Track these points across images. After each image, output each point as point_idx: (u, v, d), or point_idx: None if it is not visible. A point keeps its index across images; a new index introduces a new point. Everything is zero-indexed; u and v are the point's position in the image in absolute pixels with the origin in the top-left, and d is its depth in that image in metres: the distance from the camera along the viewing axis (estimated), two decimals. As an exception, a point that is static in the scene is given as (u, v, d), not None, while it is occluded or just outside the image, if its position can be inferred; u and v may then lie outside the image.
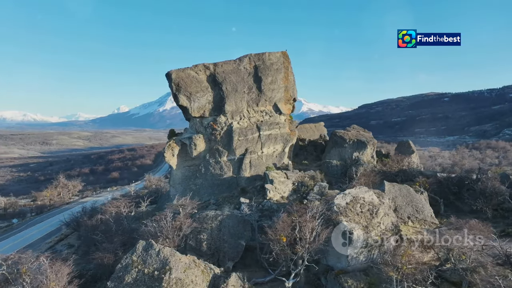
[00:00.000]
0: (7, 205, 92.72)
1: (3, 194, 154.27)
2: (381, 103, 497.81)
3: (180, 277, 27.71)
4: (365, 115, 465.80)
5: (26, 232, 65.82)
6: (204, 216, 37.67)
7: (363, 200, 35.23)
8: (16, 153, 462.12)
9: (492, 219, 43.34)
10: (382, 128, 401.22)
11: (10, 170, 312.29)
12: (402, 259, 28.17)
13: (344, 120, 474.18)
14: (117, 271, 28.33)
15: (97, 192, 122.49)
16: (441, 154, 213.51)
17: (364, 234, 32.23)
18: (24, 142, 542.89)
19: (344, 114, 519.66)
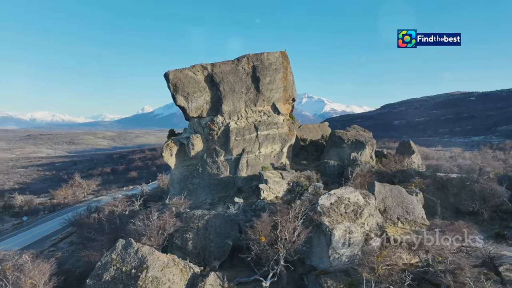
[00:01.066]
0: (22, 203, 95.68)
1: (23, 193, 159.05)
2: (404, 103, 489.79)
3: (157, 275, 28.01)
4: (388, 115, 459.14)
5: (34, 230, 67.52)
6: (191, 216, 38.01)
7: (348, 201, 34.99)
8: (44, 152, 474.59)
9: (489, 221, 42.56)
10: (405, 128, 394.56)
11: (36, 169, 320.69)
12: (377, 260, 27.97)
13: (366, 120, 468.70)
14: (97, 269, 28.89)
15: (112, 191, 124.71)
16: (462, 155, 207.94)
17: (346, 234, 32.06)
18: (52, 142, 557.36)
19: (366, 114, 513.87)
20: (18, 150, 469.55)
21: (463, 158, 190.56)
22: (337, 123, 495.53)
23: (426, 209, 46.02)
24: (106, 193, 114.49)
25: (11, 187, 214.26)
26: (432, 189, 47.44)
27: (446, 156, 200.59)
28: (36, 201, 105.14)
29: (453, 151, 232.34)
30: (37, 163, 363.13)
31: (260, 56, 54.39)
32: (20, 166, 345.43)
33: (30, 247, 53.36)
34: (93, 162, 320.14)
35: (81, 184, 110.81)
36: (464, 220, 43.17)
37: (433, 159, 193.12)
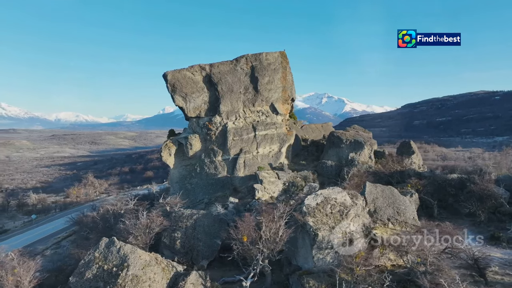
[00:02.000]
0: (35, 202, 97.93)
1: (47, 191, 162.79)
2: (425, 102, 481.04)
3: (137, 274, 28.37)
4: (408, 115, 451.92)
5: (42, 228, 68.96)
6: (180, 215, 38.36)
7: (334, 201, 34.70)
8: (67, 152, 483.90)
9: (487, 222, 41.70)
10: (425, 128, 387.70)
11: (58, 168, 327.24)
12: (355, 260, 27.75)
13: (385, 120, 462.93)
14: (80, 267, 29.44)
15: (125, 190, 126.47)
16: (482, 155, 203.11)
17: (330, 235, 31.83)
18: (75, 142, 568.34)
19: (385, 114, 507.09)
20: (43, 150, 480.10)
21: (482, 159, 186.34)
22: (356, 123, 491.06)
23: (423, 210, 45.51)
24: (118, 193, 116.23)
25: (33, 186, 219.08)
26: (430, 190, 46.66)
27: (465, 156, 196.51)
28: (51, 200, 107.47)
29: (473, 152, 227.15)
30: (60, 162, 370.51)
31: (258, 56, 54.41)
32: (43, 165, 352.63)
33: (34, 244, 54.68)
34: (112, 161, 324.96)
35: (93, 183, 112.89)
36: (462, 221, 42.72)
37: (451, 160, 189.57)
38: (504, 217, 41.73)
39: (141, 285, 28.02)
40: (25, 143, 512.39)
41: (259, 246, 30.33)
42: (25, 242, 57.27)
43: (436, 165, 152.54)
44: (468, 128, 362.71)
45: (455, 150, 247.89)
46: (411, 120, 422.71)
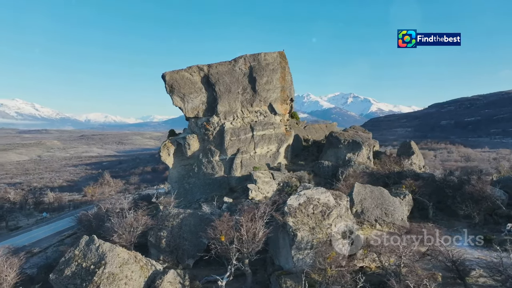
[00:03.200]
0: (52, 200, 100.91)
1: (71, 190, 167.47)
2: (453, 102, 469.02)
3: (114, 272, 28.86)
4: (435, 114, 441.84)
5: (51, 225, 70.69)
6: (167, 214, 38.82)
7: (317, 201, 34.50)
8: (95, 152, 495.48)
9: (483, 224, 40.86)
10: (453, 129, 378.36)
11: (85, 168, 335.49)
12: (327, 261, 27.56)
13: (411, 121, 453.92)
14: (60, 264, 30.12)
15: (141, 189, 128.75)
16: (508, 156, 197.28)
17: (309, 235, 31.75)
18: (103, 142, 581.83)
19: (411, 114, 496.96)
20: (72, 150, 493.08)
21: (508, 160, 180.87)
22: (382, 124, 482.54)
23: (420, 212, 44.85)
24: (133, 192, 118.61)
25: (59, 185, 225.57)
26: (428, 191, 45.85)
27: (490, 158, 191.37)
28: (68, 198, 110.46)
29: (500, 153, 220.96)
30: (87, 162, 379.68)
31: (257, 56, 54.48)
32: (71, 165, 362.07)
33: (40, 241, 56.32)
34: (136, 161, 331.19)
35: (109, 182, 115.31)
36: (459, 223, 42.12)
37: (474, 161, 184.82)
38: (501, 220, 40.86)
39: (117, 283, 28.48)
40: (56, 143, 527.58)
41: (236, 246, 30.44)
42: (32, 239, 59.05)
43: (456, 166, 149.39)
44: (498, 128, 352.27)
45: (481, 151, 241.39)
46: (438, 120, 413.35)
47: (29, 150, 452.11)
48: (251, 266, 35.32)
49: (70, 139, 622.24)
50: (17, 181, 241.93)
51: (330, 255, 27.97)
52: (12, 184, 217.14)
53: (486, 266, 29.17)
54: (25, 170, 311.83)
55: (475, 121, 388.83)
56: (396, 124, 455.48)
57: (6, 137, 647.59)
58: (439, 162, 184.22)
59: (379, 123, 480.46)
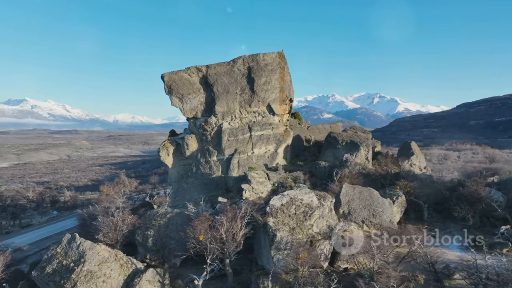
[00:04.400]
0: (68, 199, 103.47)
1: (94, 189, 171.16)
2: (483, 102, 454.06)
3: (93, 269, 29.37)
4: (464, 114, 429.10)
5: (59, 224, 71.87)
6: (154, 213, 39.24)
7: (300, 202, 34.44)
8: (122, 152, 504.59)
9: (478, 227, 39.92)
10: (482, 129, 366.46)
11: (110, 167, 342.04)
12: (299, 261, 27.37)
13: (439, 121, 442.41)
14: (42, 262, 30.82)
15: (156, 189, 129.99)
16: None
17: (289, 236, 31.71)
18: (129, 142, 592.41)
19: (439, 114, 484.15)
20: (100, 150, 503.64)
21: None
22: (407, 124, 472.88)
23: (415, 213, 44.03)
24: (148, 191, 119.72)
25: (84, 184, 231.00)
26: (426, 192, 45.03)
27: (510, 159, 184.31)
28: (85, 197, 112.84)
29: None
30: (112, 161, 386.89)
31: (256, 57, 54.36)
32: (97, 165, 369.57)
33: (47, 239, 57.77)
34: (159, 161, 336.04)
35: (124, 182, 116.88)
36: (454, 225, 41.19)
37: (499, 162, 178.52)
38: (497, 222, 40.02)
39: (95, 281, 28.98)
40: (84, 143, 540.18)
41: (214, 246, 30.54)
42: (39, 236, 60.68)
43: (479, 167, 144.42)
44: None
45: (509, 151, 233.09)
46: (467, 120, 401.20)
47: (59, 150, 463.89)
48: (238, 266, 35.52)
49: (98, 139, 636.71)
50: (45, 180, 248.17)
51: (301, 256, 27.71)
52: (40, 183, 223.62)
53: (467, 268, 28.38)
54: (54, 169, 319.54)
55: (506, 121, 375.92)
56: (422, 125, 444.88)
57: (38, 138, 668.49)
58: (462, 163, 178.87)
59: (405, 124, 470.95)
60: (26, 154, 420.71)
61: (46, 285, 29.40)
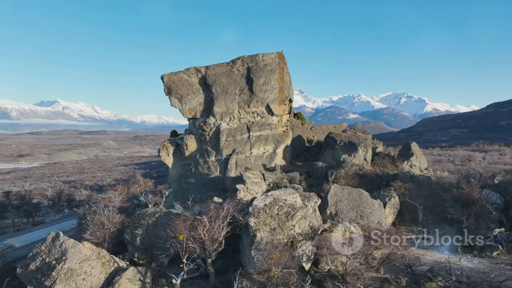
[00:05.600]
0: (83, 197, 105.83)
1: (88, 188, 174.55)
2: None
3: (73, 267, 29.87)
4: (494, 114, 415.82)
5: (68, 222, 73.65)
6: (144, 213, 39.67)
7: (283, 203, 34.30)
8: (147, 152, 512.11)
9: (473, 229, 39.15)
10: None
11: (134, 167, 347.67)
12: (271, 262, 27.25)
13: (467, 121, 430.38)
14: (27, 259, 31.47)
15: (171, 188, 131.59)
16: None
17: (269, 236, 31.69)
18: (155, 142, 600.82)
19: (467, 114, 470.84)
20: (126, 150, 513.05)
21: None
22: (434, 124, 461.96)
23: (411, 215, 43.30)
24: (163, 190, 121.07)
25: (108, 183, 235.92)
26: (424, 193, 44.48)
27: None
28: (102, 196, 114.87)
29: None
30: (137, 161, 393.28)
31: (255, 57, 54.29)
32: (122, 164, 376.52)
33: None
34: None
35: (139, 181, 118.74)
36: (449, 227, 40.34)
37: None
38: (493, 225, 39.27)
39: (75, 278, 29.47)
40: (112, 144, 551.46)
41: (192, 245, 30.70)
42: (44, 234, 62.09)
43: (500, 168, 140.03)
44: None
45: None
46: (497, 120, 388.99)
47: (87, 150, 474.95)
48: (224, 265, 35.62)
49: (125, 139, 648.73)
50: (72, 179, 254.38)
51: (274, 256, 27.56)
52: (67, 182, 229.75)
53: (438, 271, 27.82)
54: (81, 169, 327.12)
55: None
56: (450, 125, 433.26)
57: (68, 138, 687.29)
58: (486, 164, 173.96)
59: (432, 124, 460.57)
60: (56, 154, 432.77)
61: (29, 282, 30.08)
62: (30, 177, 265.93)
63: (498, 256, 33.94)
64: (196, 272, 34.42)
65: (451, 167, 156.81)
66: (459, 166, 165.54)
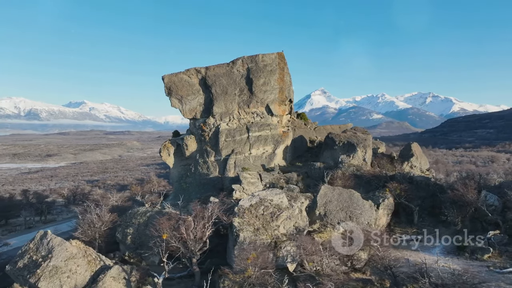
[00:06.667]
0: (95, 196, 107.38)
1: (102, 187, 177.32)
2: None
3: (58, 265, 30.41)
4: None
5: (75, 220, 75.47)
6: (135, 212, 40.19)
7: (269, 203, 34.31)
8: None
9: (469, 231, 37.63)
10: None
11: (155, 167, 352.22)
12: (247, 262, 27.22)
13: (495, 121, 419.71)
14: (16, 256, 32.18)
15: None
16: None
17: (252, 236, 31.73)
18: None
19: (495, 114, 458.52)
20: (149, 150, 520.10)
21: None
22: (460, 124, 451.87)
23: (407, 217, 42.89)
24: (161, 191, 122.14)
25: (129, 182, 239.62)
26: (422, 195, 43.80)
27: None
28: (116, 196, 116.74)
29: None
30: (159, 161, 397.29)
31: (254, 58, 54.30)
32: (144, 164, 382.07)
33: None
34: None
35: (152, 181, 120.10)
36: (445, 229, 39.76)
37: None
38: (490, 227, 38.38)
39: (59, 276, 29.96)
40: (135, 144, 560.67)
41: (175, 244, 30.92)
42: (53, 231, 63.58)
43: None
44: None
45: None
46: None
47: (112, 150, 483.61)
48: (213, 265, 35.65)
49: (148, 140, 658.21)
50: (95, 179, 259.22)
51: (250, 256, 27.48)
52: (90, 181, 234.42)
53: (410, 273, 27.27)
54: (105, 168, 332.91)
55: None
56: (477, 125, 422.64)
57: (94, 138, 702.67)
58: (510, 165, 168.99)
59: (458, 124, 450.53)
60: (82, 154, 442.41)
61: (17, 279, 30.83)
62: (56, 176, 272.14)
63: (489, 258, 33.27)
64: (184, 271, 34.73)
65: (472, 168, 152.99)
66: (481, 168, 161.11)
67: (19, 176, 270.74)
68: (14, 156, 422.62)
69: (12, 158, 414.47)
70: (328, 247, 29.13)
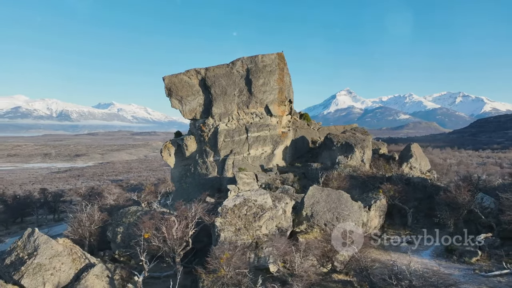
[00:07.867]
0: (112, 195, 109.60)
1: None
2: None
3: (42, 262, 31.06)
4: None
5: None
6: (126, 211, 40.64)
7: (253, 203, 34.29)
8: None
9: (462, 233, 36.67)
10: None
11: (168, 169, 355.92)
12: (220, 262, 27.18)
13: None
14: (4, 253, 33.05)
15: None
16: None
17: (233, 236, 31.75)
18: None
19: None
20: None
21: None
22: (490, 125, 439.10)
23: (401, 218, 42.19)
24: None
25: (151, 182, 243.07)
26: (419, 196, 43.22)
27: None
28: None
29: None
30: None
31: (254, 58, 54.25)
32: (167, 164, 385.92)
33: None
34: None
35: (167, 181, 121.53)
36: (440, 231, 38.55)
37: None
38: (484, 230, 37.57)
39: (42, 273, 30.53)
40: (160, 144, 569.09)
41: (156, 243, 31.19)
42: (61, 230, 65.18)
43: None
44: None
45: None
46: None
47: (138, 151, 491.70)
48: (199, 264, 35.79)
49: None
50: (119, 178, 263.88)
51: (223, 256, 27.42)
52: (114, 181, 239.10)
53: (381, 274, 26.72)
54: (130, 168, 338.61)
55: None
56: (508, 125, 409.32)
57: (121, 138, 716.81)
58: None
59: (488, 124, 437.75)
60: (109, 154, 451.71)
61: (3, 276, 31.61)
62: (82, 175, 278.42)
63: (477, 262, 32.58)
64: (171, 270, 34.91)
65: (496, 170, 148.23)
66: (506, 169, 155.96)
67: (49, 176, 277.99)
68: (45, 156, 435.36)
69: (43, 158, 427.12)
70: (305, 248, 28.73)
